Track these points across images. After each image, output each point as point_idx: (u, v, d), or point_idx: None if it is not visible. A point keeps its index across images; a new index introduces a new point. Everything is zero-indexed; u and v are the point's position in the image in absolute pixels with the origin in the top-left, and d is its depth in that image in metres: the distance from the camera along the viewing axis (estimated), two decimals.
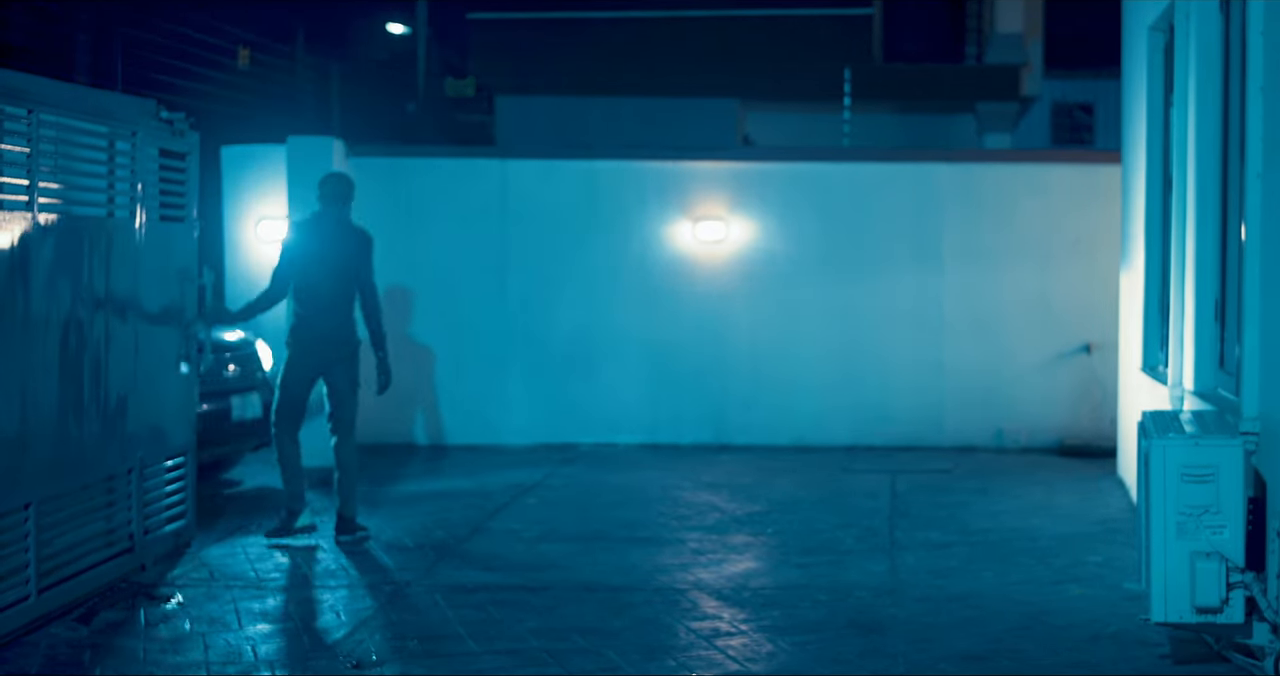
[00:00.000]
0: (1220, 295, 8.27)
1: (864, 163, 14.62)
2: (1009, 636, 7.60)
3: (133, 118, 8.99)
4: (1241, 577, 6.69)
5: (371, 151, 14.86)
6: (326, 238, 10.02)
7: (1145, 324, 11.11)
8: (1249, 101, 7.09)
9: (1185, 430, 6.98)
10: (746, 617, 8.05)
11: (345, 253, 10.00)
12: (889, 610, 8.16)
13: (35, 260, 7.82)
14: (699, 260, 14.37)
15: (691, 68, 23.42)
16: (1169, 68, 10.21)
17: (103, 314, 8.61)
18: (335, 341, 9.94)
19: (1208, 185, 8.39)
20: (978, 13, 25.00)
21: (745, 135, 24.68)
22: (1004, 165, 14.56)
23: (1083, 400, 14.00)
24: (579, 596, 8.52)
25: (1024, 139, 27.38)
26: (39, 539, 7.82)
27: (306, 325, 9.96)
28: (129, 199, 8.98)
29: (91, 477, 8.48)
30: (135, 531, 9.00)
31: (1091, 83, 28.66)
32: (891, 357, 14.22)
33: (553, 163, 14.69)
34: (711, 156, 14.77)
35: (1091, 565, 9.13)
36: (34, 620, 7.77)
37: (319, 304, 9.94)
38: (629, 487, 11.96)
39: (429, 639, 7.64)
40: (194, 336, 9.55)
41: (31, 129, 7.79)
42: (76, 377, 8.31)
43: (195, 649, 7.47)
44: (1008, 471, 12.85)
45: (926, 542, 9.86)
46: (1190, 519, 6.71)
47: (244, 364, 12.17)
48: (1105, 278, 13.77)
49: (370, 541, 9.90)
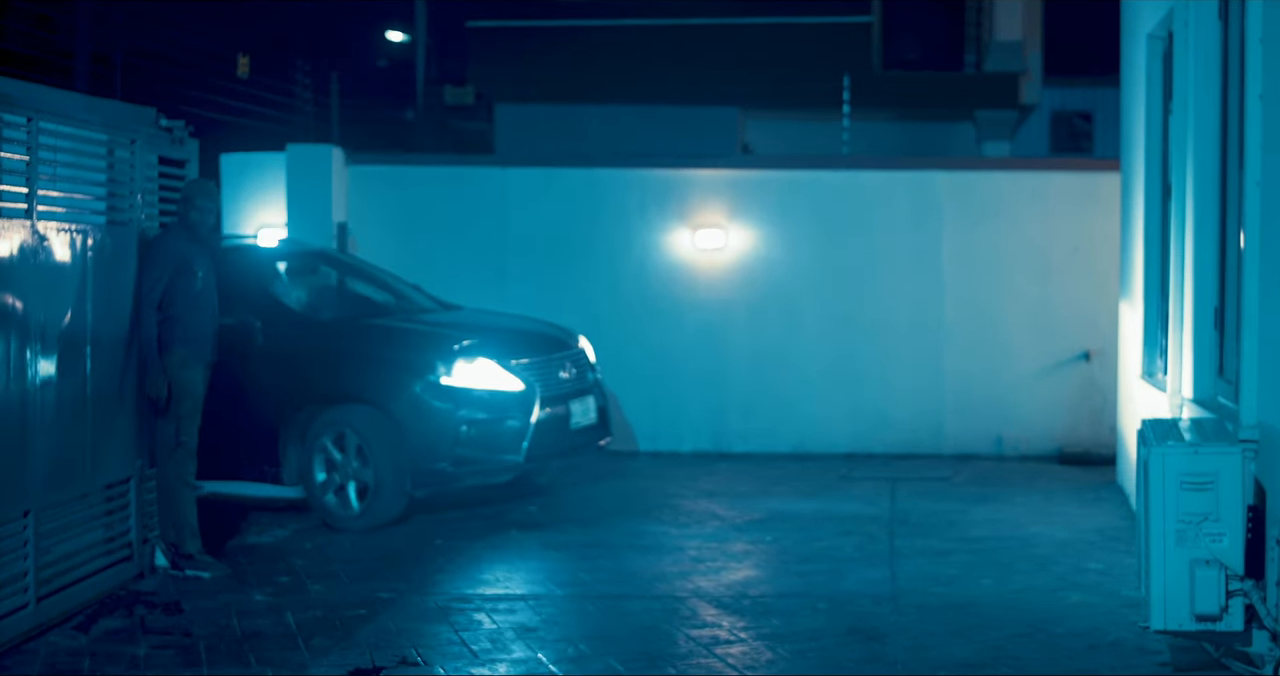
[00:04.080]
0: (1219, 303, 8.27)
1: (863, 170, 14.62)
2: (1009, 644, 7.60)
3: (132, 126, 9.00)
4: (1241, 585, 6.68)
5: (371, 159, 14.86)
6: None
7: (1144, 331, 11.11)
8: (1248, 109, 7.09)
9: (1184, 438, 6.98)
10: (746, 625, 8.04)
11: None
12: (888, 618, 8.15)
13: (34, 268, 7.82)
14: (698, 268, 14.36)
15: (691, 76, 23.42)
16: (1168, 75, 10.21)
17: (103, 321, 8.60)
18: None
19: (1207, 193, 8.39)
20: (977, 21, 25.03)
21: (744, 143, 24.69)
22: (1003, 173, 14.55)
23: (1082, 407, 13.99)
24: (578, 604, 8.52)
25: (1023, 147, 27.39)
26: (38, 547, 7.82)
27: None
28: (128, 206, 8.98)
29: (91, 486, 8.48)
30: (134, 539, 8.99)
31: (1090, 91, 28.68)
32: (891, 365, 14.21)
33: (552, 170, 14.69)
34: (711, 164, 14.77)
35: (1091, 572, 9.13)
36: (33, 628, 7.77)
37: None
38: (627, 495, 11.94)
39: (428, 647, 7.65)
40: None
41: (31, 137, 7.80)
42: (77, 385, 8.31)
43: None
44: (1007, 479, 12.84)
45: (926, 550, 9.86)
46: (1190, 526, 6.70)
47: (577, 365, 11.84)
48: (1104, 285, 13.77)
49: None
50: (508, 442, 10.91)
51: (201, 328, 9.32)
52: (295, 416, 10.90)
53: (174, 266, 9.15)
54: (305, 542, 10.29)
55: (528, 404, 11.00)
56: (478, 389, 10.88)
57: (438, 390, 10.77)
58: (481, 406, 10.87)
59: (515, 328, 11.97)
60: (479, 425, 10.83)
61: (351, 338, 11.24)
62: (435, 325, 11.62)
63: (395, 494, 10.70)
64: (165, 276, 9.11)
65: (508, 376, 11.00)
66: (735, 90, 23.57)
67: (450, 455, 10.73)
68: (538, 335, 11.85)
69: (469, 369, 10.89)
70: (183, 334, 9.20)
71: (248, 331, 10.96)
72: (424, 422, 10.72)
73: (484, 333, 11.43)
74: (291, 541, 10.35)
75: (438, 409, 10.75)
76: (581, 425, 11.62)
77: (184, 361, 9.22)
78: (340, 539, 10.39)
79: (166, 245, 9.18)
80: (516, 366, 11.09)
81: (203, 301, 9.34)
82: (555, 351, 11.63)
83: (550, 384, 11.30)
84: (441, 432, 10.72)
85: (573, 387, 11.61)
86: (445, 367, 10.82)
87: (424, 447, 10.70)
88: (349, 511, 10.75)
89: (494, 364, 10.99)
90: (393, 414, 10.74)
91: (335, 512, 10.77)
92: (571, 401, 11.51)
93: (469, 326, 11.64)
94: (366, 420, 10.77)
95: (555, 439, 11.27)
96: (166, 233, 9.27)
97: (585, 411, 11.70)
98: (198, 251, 9.33)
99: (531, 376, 11.13)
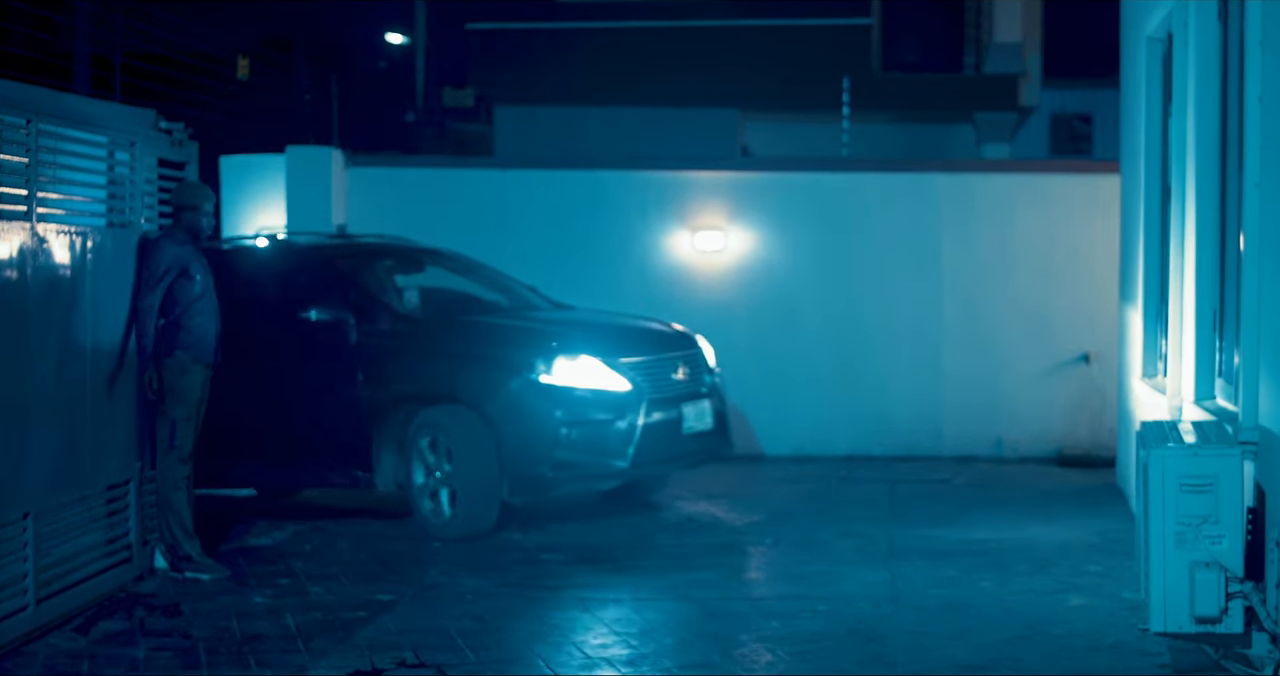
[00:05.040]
0: (1219, 305, 8.27)
1: (863, 173, 14.62)
2: (1008, 646, 7.60)
3: (132, 127, 9.00)
4: (1241, 587, 6.69)
5: (370, 162, 14.86)
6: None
7: (1144, 333, 11.11)
8: (1247, 111, 7.09)
9: (1184, 440, 6.98)
10: (745, 627, 8.04)
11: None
12: (888, 619, 8.15)
13: (34, 270, 7.82)
14: (698, 270, 14.37)
15: (690, 78, 23.40)
16: (1167, 78, 10.21)
17: (103, 324, 8.61)
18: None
19: (1206, 195, 8.39)
20: (976, 23, 25.01)
21: (744, 145, 24.68)
22: (1002, 175, 14.56)
23: (1081, 409, 13.99)
24: (577, 605, 8.52)
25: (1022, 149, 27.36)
26: (38, 549, 7.82)
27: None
28: (128, 209, 8.98)
29: (90, 488, 8.48)
30: (134, 542, 9.00)
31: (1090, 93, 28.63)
32: (890, 367, 14.21)
33: (551, 173, 14.69)
34: (710, 166, 14.77)
35: (1090, 575, 9.13)
36: (32, 630, 7.77)
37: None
38: (627, 497, 11.94)
39: (426, 648, 7.65)
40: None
41: (30, 138, 7.80)
42: (76, 388, 8.31)
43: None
44: (1007, 481, 12.84)
45: (925, 552, 9.85)
46: (1189, 529, 6.71)
47: (692, 367, 11.21)
48: (1104, 287, 13.77)
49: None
50: (613, 446, 10.36)
51: (202, 331, 9.31)
52: (390, 417, 10.47)
53: (174, 270, 9.15)
54: (305, 544, 10.29)
55: (635, 405, 10.43)
56: (580, 388, 10.36)
57: (536, 389, 10.27)
58: (584, 407, 10.34)
59: (625, 325, 11.46)
60: (581, 427, 10.29)
61: (446, 334, 10.81)
62: (537, 321, 11.17)
63: (487, 500, 10.21)
64: (165, 280, 9.10)
65: (613, 375, 10.49)
66: (735, 92, 23.55)
67: (549, 459, 10.19)
68: (649, 333, 11.35)
69: (571, 366, 10.39)
70: (183, 338, 9.19)
71: (341, 329, 10.66)
72: (521, 424, 10.22)
73: (589, 329, 11.00)
74: (291, 543, 10.34)
75: (536, 409, 10.24)
76: (695, 430, 10.94)
77: (183, 366, 9.21)
78: (340, 541, 10.39)
79: (165, 249, 9.17)
80: (624, 365, 10.56)
81: (203, 304, 9.33)
82: (668, 351, 11.07)
83: (661, 384, 10.73)
84: (540, 435, 10.20)
85: (686, 390, 10.98)
86: (545, 365, 10.33)
87: (521, 451, 10.19)
88: (441, 518, 10.31)
89: (598, 361, 10.46)
90: (487, 414, 10.24)
91: (429, 520, 10.35)
92: (684, 404, 10.89)
93: (575, 323, 11.21)
94: (459, 421, 10.28)
95: (665, 444, 10.67)
96: (164, 236, 9.26)
97: (700, 415, 11.01)
98: (195, 254, 9.33)
99: (640, 376, 10.59)
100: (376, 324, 10.73)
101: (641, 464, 10.51)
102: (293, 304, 10.82)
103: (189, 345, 9.22)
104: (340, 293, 10.84)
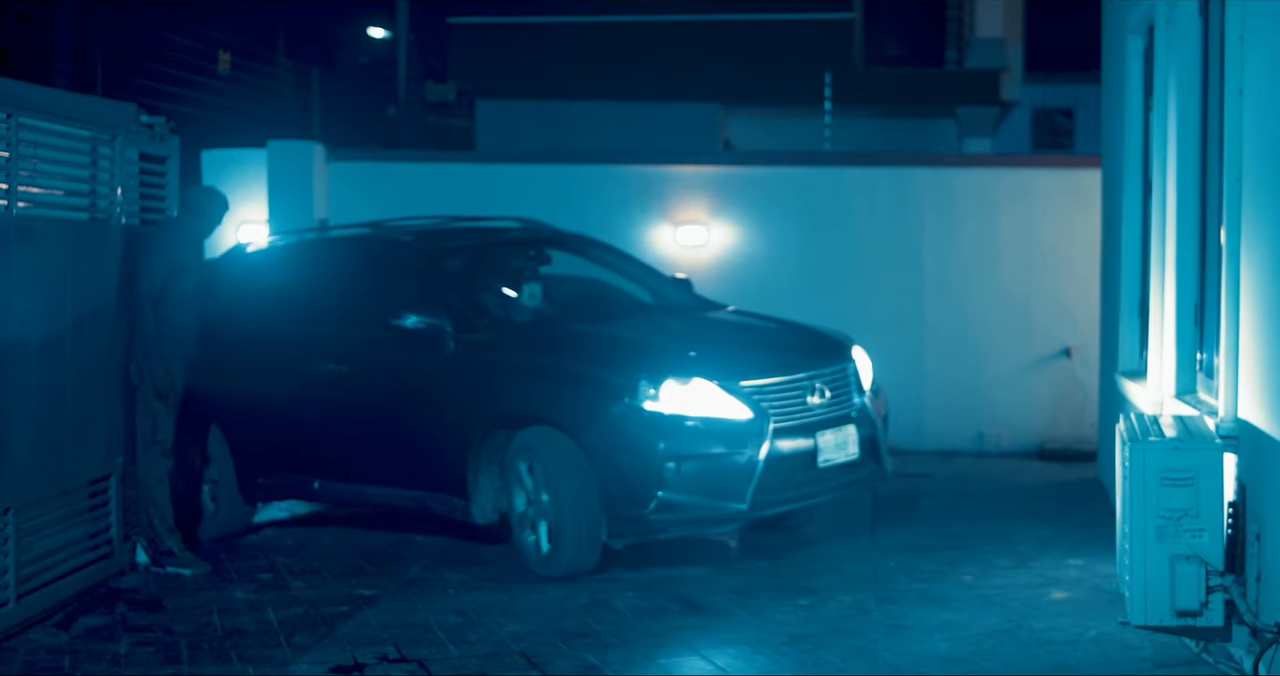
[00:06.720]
0: (1200, 299, 8.29)
1: (845, 167, 14.63)
2: (989, 639, 7.61)
3: (113, 122, 8.98)
4: (1221, 581, 6.70)
5: (352, 156, 14.84)
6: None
7: (1125, 328, 11.13)
8: (1228, 106, 7.10)
9: (1165, 434, 6.99)
10: (725, 623, 8.05)
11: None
12: (869, 614, 8.16)
13: (14, 264, 7.80)
14: (680, 264, 14.36)
15: (672, 72, 23.41)
16: (1149, 72, 10.23)
17: (84, 318, 8.59)
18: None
19: (1187, 189, 8.41)
20: (958, 17, 25.03)
21: (726, 139, 24.69)
22: (984, 170, 14.58)
23: (1063, 404, 14.02)
24: (560, 602, 8.52)
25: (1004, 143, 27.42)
26: (19, 544, 7.80)
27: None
28: (109, 203, 8.97)
29: (72, 483, 8.46)
30: (116, 536, 8.98)
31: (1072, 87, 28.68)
32: (872, 361, 14.18)
33: (533, 167, 14.68)
34: (693, 160, 14.77)
35: (1071, 568, 9.15)
36: (13, 625, 7.75)
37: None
38: None
39: (408, 643, 7.65)
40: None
41: (11, 132, 7.78)
42: (57, 382, 8.29)
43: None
44: (988, 475, 12.86)
45: (907, 546, 9.87)
46: (1170, 522, 6.72)
47: (837, 386, 9.59)
48: (1085, 282, 13.79)
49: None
50: (728, 486, 8.85)
51: (185, 328, 9.32)
52: (486, 440, 9.26)
53: (173, 265, 9.19)
54: (287, 539, 10.28)
55: (758, 436, 8.91)
56: (691, 416, 8.86)
57: (640, 417, 8.80)
58: (695, 439, 8.85)
59: (759, 338, 10.06)
60: (691, 462, 8.80)
61: (547, 347, 9.51)
62: (651, 333, 9.81)
63: (584, 541, 8.90)
64: (164, 274, 9.15)
65: (732, 401, 8.96)
66: (717, 86, 23.56)
67: (652, 499, 8.74)
68: (788, 346, 9.84)
69: (682, 391, 8.88)
70: (169, 333, 9.19)
71: (437, 338, 9.46)
72: (621, 456, 8.79)
73: (711, 343, 9.65)
74: (273, 538, 10.33)
75: (639, 440, 8.78)
76: (834, 463, 9.36)
77: (166, 361, 9.20)
78: (322, 536, 10.38)
79: (167, 245, 9.23)
80: (746, 389, 9.02)
81: (192, 302, 9.35)
82: (806, 368, 9.41)
83: (792, 410, 9.18)
84: (643, 470, 8.75)
85: (826, 415, 9.37)
86: (652, 388, 8.83)
87: (620, 487, 8.79)
88: (539, 553, 9.06)
89: (713, 385, 8.95)
90: (585, 443, 8.87)
91: (529, 553, 9.14)
92: (821, 432, 9.30)
93: (695, 336, 9.89)
94: (556, 448, 8.97)
95: (795, 480, 9.17)
96: (165, 232, 9.30)
97: (841, 445, 9.41)
98: (194, 254, 9.41)
99: (766, 401, 9.06)
100: (476, 332, 9.51)
101: (763, 505, 9.03)
102: (386, 307, 9.73)
103: (172, 341, 9.22)
104: (436, 298, 9.69)
